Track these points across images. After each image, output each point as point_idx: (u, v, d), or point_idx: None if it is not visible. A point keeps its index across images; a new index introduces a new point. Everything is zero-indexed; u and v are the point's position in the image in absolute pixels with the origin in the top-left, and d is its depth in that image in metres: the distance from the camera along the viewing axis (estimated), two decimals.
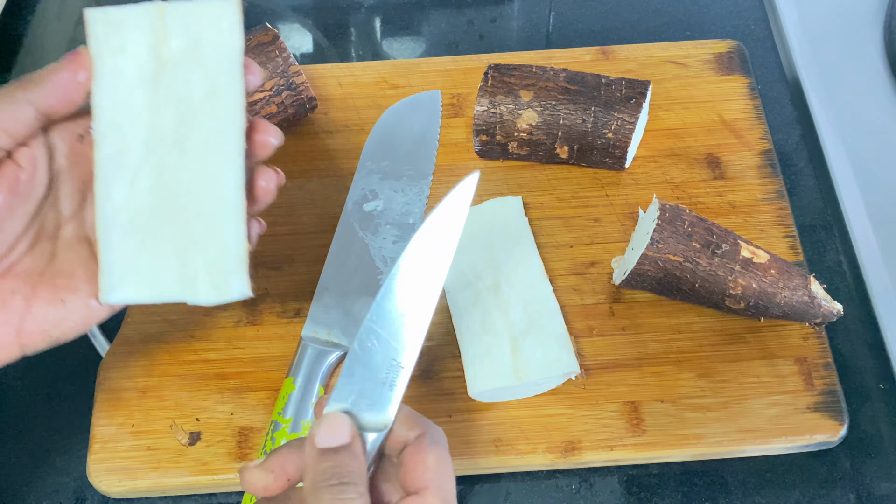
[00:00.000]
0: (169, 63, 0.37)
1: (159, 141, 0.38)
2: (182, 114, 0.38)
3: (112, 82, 0.37)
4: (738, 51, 0.65)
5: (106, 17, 0.37)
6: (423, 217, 0.58)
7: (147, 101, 0.38)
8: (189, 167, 0.38)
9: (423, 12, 0.74)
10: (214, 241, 0.38)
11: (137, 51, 0.37)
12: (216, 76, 0.38)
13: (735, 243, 0.49)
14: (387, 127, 0.62)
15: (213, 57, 0.38)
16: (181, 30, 0.37)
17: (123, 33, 0.37)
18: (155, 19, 0.37)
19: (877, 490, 0.49)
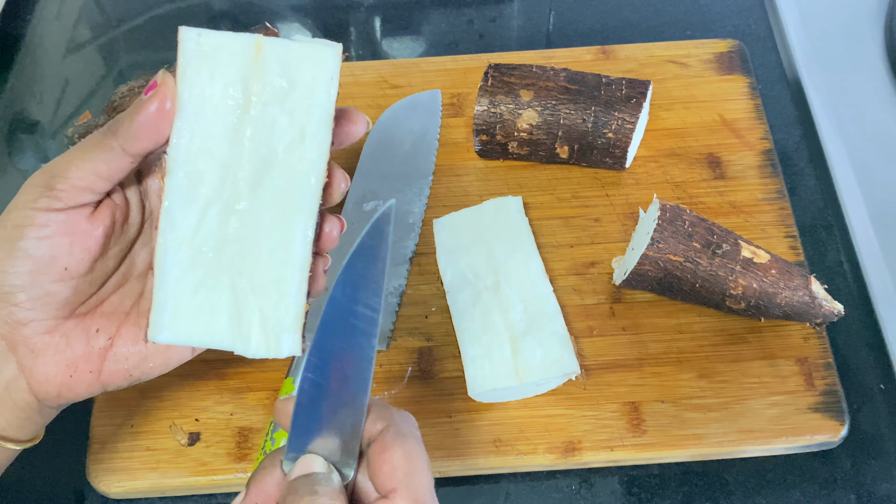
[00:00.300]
0: (258, 100, 0.36)
1: (234, 180, 0.36)
2: (263, 157, 0.36)
3: (195, 110, 0.35)
4: (738, 50, 0.65)
5: (201, 40, 0.35)
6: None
7: (228, 135, 0.36)
8: (261, 213, 0.36)
9: (423, 12, 0.73)
10: (275, 294, 0.37)
11: (228, 81, 0.35)
12: (305, 124, 0.36)
13: (735, 243, 0.49)
14: (387, 127, 0.62)
15: (305, 103, 0.36)
16: (277, 68, 0.35)
17: (217, 60, 0.35)
18: (252, 52, 0.35)
19: (877, 490, 0.49)
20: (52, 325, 0.38)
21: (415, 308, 0.54)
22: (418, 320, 0.53)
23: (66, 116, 0.68)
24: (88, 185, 0.36)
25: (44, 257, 0.36)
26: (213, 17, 0.75)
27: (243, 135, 0.36)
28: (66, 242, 0.36)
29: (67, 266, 0.37)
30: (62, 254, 0.36)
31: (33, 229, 0.36)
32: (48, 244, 0.36)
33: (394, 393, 0.51)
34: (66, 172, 0.36)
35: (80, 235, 0.37)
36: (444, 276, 0.54)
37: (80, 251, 0.37)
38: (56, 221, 0.36)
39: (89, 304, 0.39)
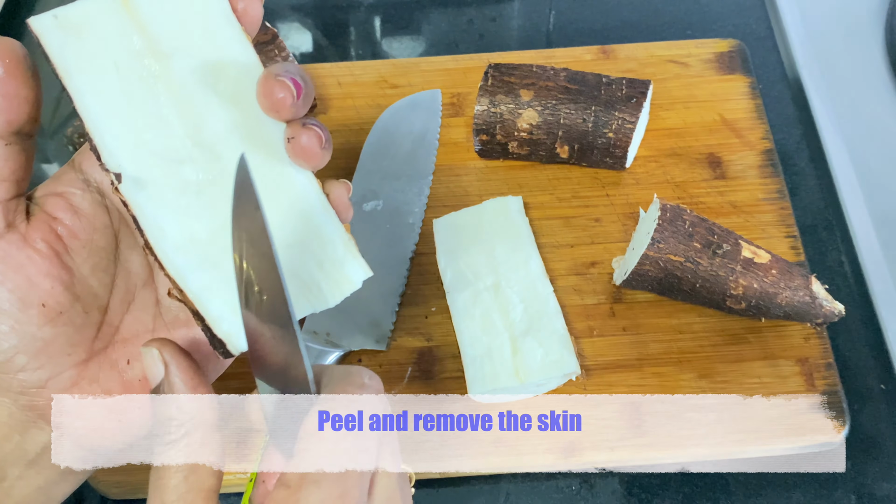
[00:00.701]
0: (156, 54, 0.30)
1: (185, 153, 0.31)
2: (198, 112, 0.31)
3: (100, 102, 0.31)
4: (739, 50, 0.65)
5: (59, 20, 0.30)
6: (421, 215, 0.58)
7: (151, 110, 0.31)
8: (231, 173, 0.31)
9: (422, 11, 0.73)
10: (311, 239, 0.32)
11: (114, 52, 0.30)
12: (214, 46, 0.31)
13: (736, 243, 0.49)
14: (387, 126, 0.62)
15: (199, 24, 0.31)
16: (154, 10, 0.30)
17: (90, 34, 0.30)
18: (119, 6, 0.30)
19: (878, 491, 0.49)
20: (74, 375, 0.33)
21: (415, 308, 0.54)
22: (418, 320, 0.53)
23: (66, 116, 0.68)
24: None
25: (12, 304, 0.31)
26: None
27: (162, 98, 0.31)
28: (21, 277, 0.32)
29: (44, 302, 0.32)
30: (26, 291, 0.32)
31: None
32: (6, 288, 0.31)
33: (394, 393, 0.51)
34: None
35: (28, 262, 0.32)
36: (444, 276, 0.54)
37: (42, 279, 0.32)
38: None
39: (103, 335, 0.34)
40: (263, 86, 0.31)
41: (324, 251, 0.33)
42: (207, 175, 0.32)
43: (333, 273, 0.33)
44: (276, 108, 0.31)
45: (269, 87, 0.31)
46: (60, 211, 0.33)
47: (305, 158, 0.32)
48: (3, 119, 0.31)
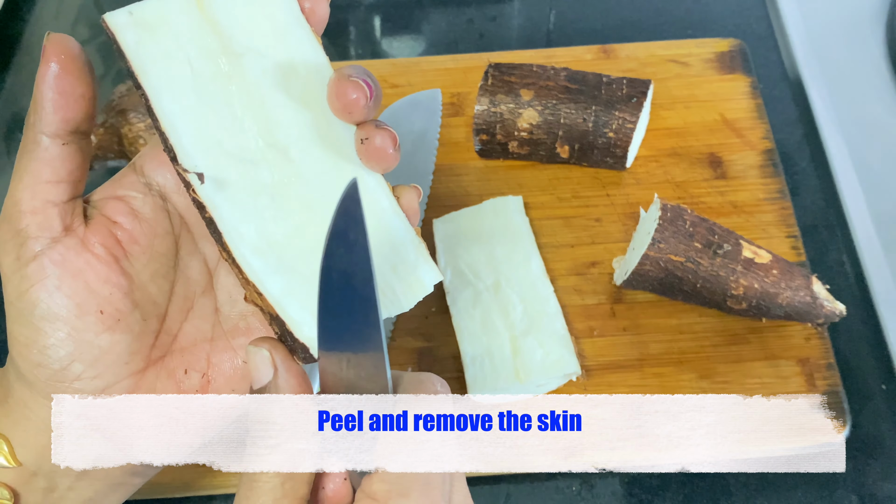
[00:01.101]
0: (229, 55, 0.30)
1: (259, 154, 0.30)
2: (269, 113, 0.31)
3: (175, 100, 0.30)
4: (739, 50, 0.64)
5: (134, 20, 0.29)
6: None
7: (223, 109, 0.30)
8: (307, 172, 0.31)
9: (422, 11, 0.73)
10: (384, 243, 0.32)
11: (188, 52, 0.29)
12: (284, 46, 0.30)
13: (737, 243, 0.49)
14: None
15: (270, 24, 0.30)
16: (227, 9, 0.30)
17: (164, 32, 0.29)
18: (192, 5, 0.30)
19: (879, 491, 0.48)
20: (131, 385, 0.33)
21: (415, 308, 0.53)
22: (418, 320, 0.53)
23: None
24: (43, 200, 0.30)
25: (69, 310, 0.31)
26: None
27: (236, 100, 0.30)
28: (80, 283, 0.31)
29: (102, 308, 0.31)
30: (84, 297, 0.31)
31: (36, 288, 0.30)
32: (62, 295, 0.30)
33: None
34: (17, 203, 0.30)
35: (87, 267, 0.31)
36: (444, 276, 0.54)
37: (101, 284, 0.31)
38: (51, 265, 0.30)
39: (161, 344, 0.34)
40: (337, 87, 0.30)
41: (397, 255, 0.32)
42: (281, 177, 0.31)
43: (407, 277, 0.32)
44: (349, 109, 0.31)
45: (343, 88, 0.30)
46: (120, 215, 0.32)
47: (378, 160, 0.31)
48: (59, 117, 0.30)
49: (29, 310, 0.30)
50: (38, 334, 0.31)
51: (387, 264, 0.32)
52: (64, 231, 0.31)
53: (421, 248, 0.33)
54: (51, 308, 0.30)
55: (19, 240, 0.30)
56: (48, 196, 0.31)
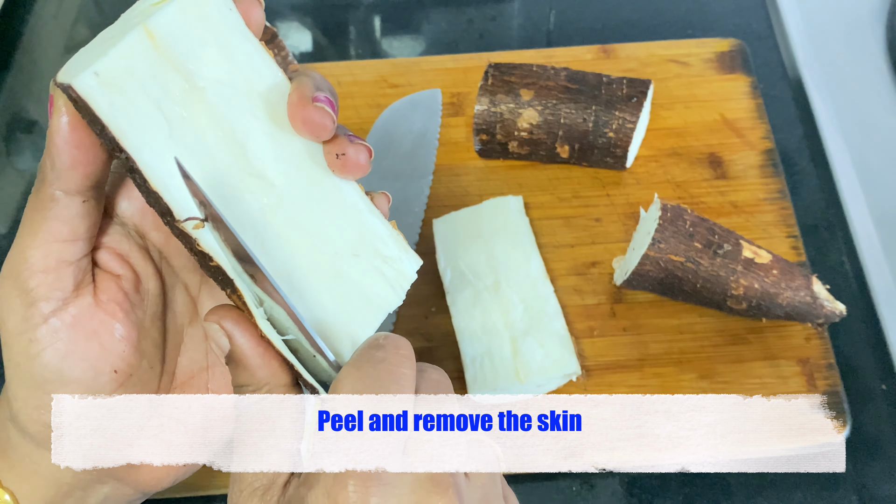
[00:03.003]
0: (195, 91, 0.29)
1: (243, 185, 0.30)
2: (240, 141, 0.30)
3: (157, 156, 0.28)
4: (739, 50, 0.64)
5: (101, 80, 0.27)
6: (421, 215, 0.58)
7: (200, 150, 0.29)
8: (290, 193, 0.31)
9: (422, 11, 0.73)
10: (370, 243, 0.32)
11: (157, 101, 0.28)
12: (236, 67, 0.30)
13: (737, 243, 0.49)
14: (386, 126, 0.62)
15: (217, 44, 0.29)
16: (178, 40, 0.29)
17: (130, 89, 0.27)
18: (149, 45, 0.28)
19: (879, 491, 0.48)
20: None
21: (415, 308, 0.54)
22: (418, 320, 0.53)
23: None
24: (57, 259, 0.29)
25: (84, 373, 0.30)
26: None
27: (209, 137, 0.30)
28: (94, 345, 0.30)
29: (116, 368, 0.30)
30: (98, 358, 0.30)
31: (48, 352, 0.29)
32: (76, 358, 0.29)
33: None
34: (26, 261, 0.29)
35: (102, 327, 0.30)
36: (443, 276, 0.54)
37: (114, 343, 0.30)
38: (63, 328, 0.29)
39: (163, 386, 0.33)
40: (301, 112, 0.30)
41: (381, 251, 0.33)
42: (268, 203, 0.31)
43: (393, 271, 0.33)
44: (316, 133, 0.30)
45: (308, 114, 0.30)
46: (117, 265, 0.31)
47: (354, 171, 0.31)
48: (80, 173, 0.28)
49: (39, 374, 0.29)
50: (49, 399, 0.30)
51: (375, 261, 0.33)
52: (75, 291, 0.30)
53: (400, 241, 0.33)
54: (64, 373, 0.29)
55: (27, 300, 0.29)
56: (63, 255, 0.29)
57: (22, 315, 0.29)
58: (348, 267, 0.32)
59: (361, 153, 0.31)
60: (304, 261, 0.31)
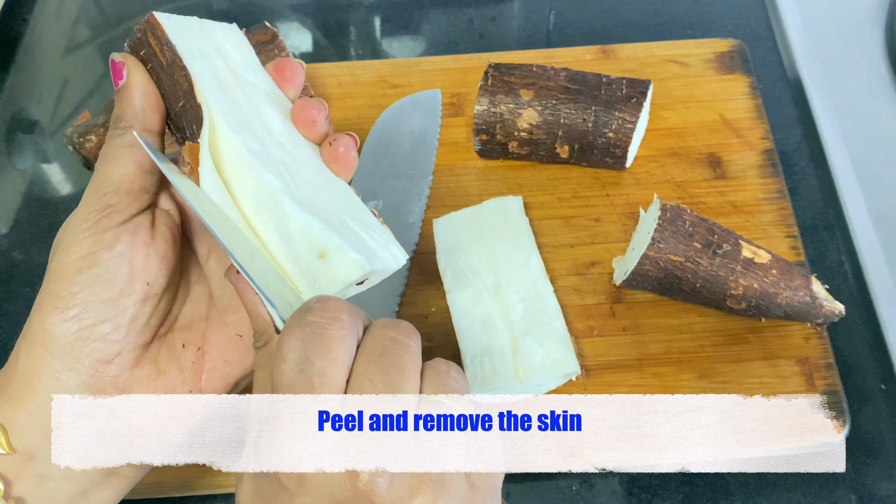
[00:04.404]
0: (231, 71, 0.37)
1: (270, 142, 0.36)
2: (265, 120, 0.36)
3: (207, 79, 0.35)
4: (739, 50, 0.64)
5: (171, 22, 0.35)
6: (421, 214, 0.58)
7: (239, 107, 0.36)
8: (303, 161, 0.36)
9: (422, 11, 0.73)
10: (363, 221, 0.37)
11: (210, 58, 0.36)
12: (256, 77, 0.37)
13: (736, 243, 0.49)
14: (386, 126, 0.62)
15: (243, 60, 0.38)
16: (219, 37, 0.37)
17: (191, 36, 0.36)
18: (199, 31, 0.37)
19: (878, 491, 0.48)
20: (138, 355, 0.36)
21: (415, 308, 0.54)
22: (418, 320, 0.53)
23: (66, 116, 0.68)
24: (139, 185, 0.35)
25: (124, 277, 0.34)
26: (213, 17, 0.75)
27: (243, 104, 0.36)
28: (142, 256, 0.35)
29: (148, 281, 0.35)
30: (140, 269, 0.35)
31: (105, 252, 0.34)
32: (125, 262, 0.34)
33: None
34: (113, 182, 0.34)
35: (151, 245, 0.35)
36: (444, 276, 0.54)
37: (157, 262, 0.35)
38: (125, 236, 0.34)
39: (167, 322, 0.37)
40: (301, 106, 0.37)
41: (372, 234, 0.37)
42: (287, 160, 0.36)
43: (386, 251, 0.37)
44: (312, 121, 0.37)
45: (306, 105, 0.37)
46: (168, 204, 0.37)
47: (345, 161, 0.37)
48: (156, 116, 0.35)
49: (88, 267, 0.33)
50: (86, 291, 0.33)
51: (369, 233, 0.37)
52: (142, 212, 0.35)
53: (389, 232, 0.38)
54: (110, 270, 0.34)
55: (106, 212, 0.34)
56: (144, 183, 0.35)
57: (96, 220, 0.34)
58: (352, 223, 0.36)
59: (350, 145, 0.37)
60: (320, 205, 0.35)
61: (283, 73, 0.38)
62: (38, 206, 0.63)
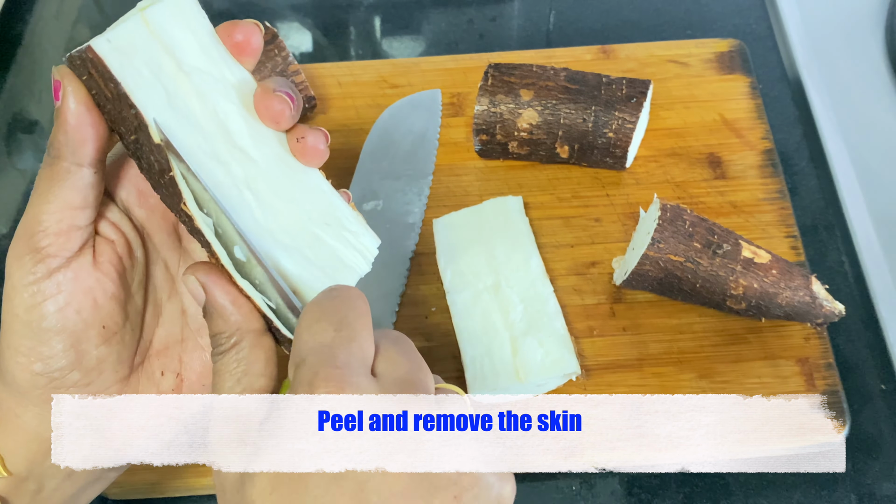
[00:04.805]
0: (182, 73, 0.33)
1: (228, 154, 0.34)
2: (222, 120, 0.34)
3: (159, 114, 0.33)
4: (739, 50, 0.64)
5: (113, 46, 0.32)
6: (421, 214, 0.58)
7: (191, 119, 0.34)
8: (267, 167, 0.35)
9: (422, 11, 0.73)
10: (334, 216, 0.36)
11: (155, 69, 0.33)
12: (213, 63, 0.34)
13: (736, 243, 0.49)
14: (386, 126, 0.62)
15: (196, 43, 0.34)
16: (167, 30, 0.33)
17: (135, 57, 0.32)
18: (145, 28, 0.33)
19: (878, 491, 0.48)
20: (118, 390, 0.35)
21: (415, 308, 0.54)
22: (418, 320, 0.53)
23: None
24: (70, 224, 0.32)
25: (76, 326, 0.33)
26: (213, 17, 0.74)
27: (197, 111, 0.34)
28: (89, 302, 0.33)
29: (104, 324, 0.34)
30: (90, 315, 0.33)
31: (49, 303, 0.32)
32: (72, 310, 0.33)
33: None
34: (40, 224, 0.32)
35: (97, 285, 0.33)
36: (444, 276, 0.54)
37: (107, 302, 0.34)
38: (66, 282, 0.32)
39: (141, 350, 0.37)
40: (263, 100, 0.34)
41: (344, 227, 0.37)
42: (250, 172, 0.35)
43: (359, 243, 0.37)
44: (276, 119, 0.34)
45: (269, 101, 0.34)
46: (112, 233, 0.35)
47: (314, 156, 0.35)
48: (91, 148, 0.32)
49: (37, 322, 0.32)
50: (43, 345, 0.33)
51: (343, 232, 0.37)
52: (79, 251, 0.33)
53: (361, 220, 0.37)
54: (59, 322, 0.32)
55: (38, 257, 0.32)
56: (75, 221, 0.33)
57: (31, 269, 0.32)
58: (322, 232, 0.36)
59: (320, 139, 0.35)
60: (285, 222, 0.35)
61: (234, 39, 0.34)
62: None
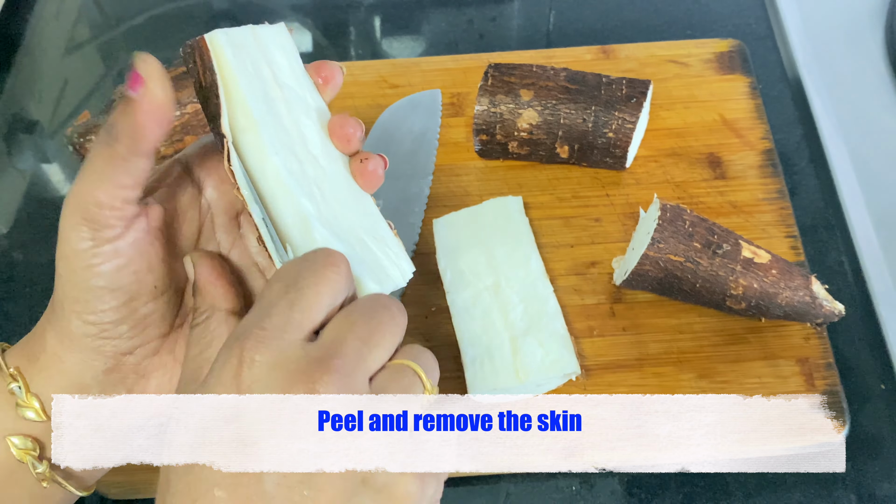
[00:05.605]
0: (278, 84, 0.38)
1: (304, 156, 0.37)
2: (303, 132, 0.38)
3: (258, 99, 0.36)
4: (739, 50, 0.65)
5: (229, 39, 0.36)
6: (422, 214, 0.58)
7: (280, 121, 0.37)
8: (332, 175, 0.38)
9: (422, 11, 0.73)
10: (380, 235, 0.39)
11: (259, 72, 0.37)
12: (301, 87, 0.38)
13: (736, 243, 0.49)
14: (386, 126, 0.62)
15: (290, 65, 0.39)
16: (269, 47, 0.38)
17: (245, 56, 0.36)
18: (252, 39, 0.38)
19: (878, 491, 0.49)
20: (157, 346, 0.37)
21: (415, 308, 0.54)
22: (418, 320, 0.53)
23: (66, 116, 0.68)
24: (123, 200, 0.34)
25: (131, 286, 0.35)
26: (213, 16, 0.75)
27: (285, 118, 0.38)
28: (144, 262, 0.35)
29: (156, 284, 0.36)
30: (145, 274, 0.35)
31: (107, 265, 0.34)
32: (129, 271, 0.35)
33: None
34: (95, 199, 0.33)
35: (151, 249, 0.36)
36: (444, 276, 0.54)
37: (158, 263, 0.36)
38: (124, 247, 0.35)
39: (182, 313, 0.39)
40: (340, 123, 0.38)
41: (389, 247, 0.39)
42: (318, 175, 0.38)
43: (396, 262, 0.39)
44: (347, 139, 0.38)
45: (345, 123, 0.38)
46: (169, 202, 0.38)
47: (373, 178, 0.39)
48: (153, 144, 0.34)
49: (94, 280, 0.34)
50: (98, 301, 0.35)
51: (386, 249, 0.39)
52: (135, 216, 0.35)
53: (401, 246, 0.40)
54: (115, 282, 0.35)
55: (95, 226, 0.34)
56: (127, 196, 0.34)
57: (90, 236, 0.34)
58: (369, 240, 0.38)
59: (379, 164, 0.39)
60: (343, 221, 0.38)
61: (322, 74, 0.39)
62: (38, 206, 0.63)
